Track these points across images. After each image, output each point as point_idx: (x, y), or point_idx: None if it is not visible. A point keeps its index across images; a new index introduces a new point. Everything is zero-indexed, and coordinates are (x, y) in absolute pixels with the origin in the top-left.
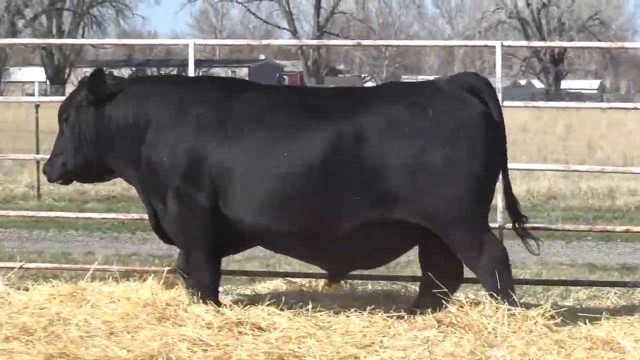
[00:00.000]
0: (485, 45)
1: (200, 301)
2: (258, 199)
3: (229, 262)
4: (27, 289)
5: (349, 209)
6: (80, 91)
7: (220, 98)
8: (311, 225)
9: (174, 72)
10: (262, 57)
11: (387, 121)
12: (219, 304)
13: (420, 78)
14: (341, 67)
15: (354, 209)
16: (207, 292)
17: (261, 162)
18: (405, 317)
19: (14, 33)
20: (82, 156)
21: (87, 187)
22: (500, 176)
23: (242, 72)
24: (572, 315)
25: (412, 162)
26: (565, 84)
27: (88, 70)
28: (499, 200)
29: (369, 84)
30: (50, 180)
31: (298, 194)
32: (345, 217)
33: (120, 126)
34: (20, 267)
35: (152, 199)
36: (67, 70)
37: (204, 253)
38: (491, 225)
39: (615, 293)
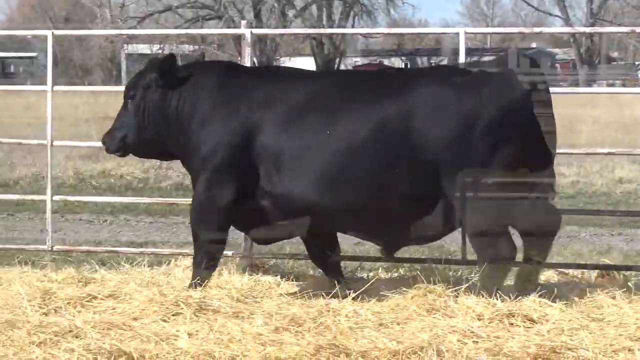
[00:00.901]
0: None
1: None
2: (310, 177)
3: None
4: (296, 279)
5: (398, 184)
6: (149, 72)
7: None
8: (363, 201)
9: (444, 62)
10: (533, 45)
11: (433, 103)
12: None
13: None
14: (615, 54)
15: (402, 184)
16: None
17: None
18: None
19: (284, 23)
20: (144, 134)
21: None
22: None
23: None
24: None
25: (448, 145)
26: None
27: (358, 60)
28: None
29: None
30: (109, 151)
31: (350, 171)
32: (394, 192)
33: (179, 113)
34: (292, 257)
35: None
36: (337, 60)
37: None
38: None
39: None
